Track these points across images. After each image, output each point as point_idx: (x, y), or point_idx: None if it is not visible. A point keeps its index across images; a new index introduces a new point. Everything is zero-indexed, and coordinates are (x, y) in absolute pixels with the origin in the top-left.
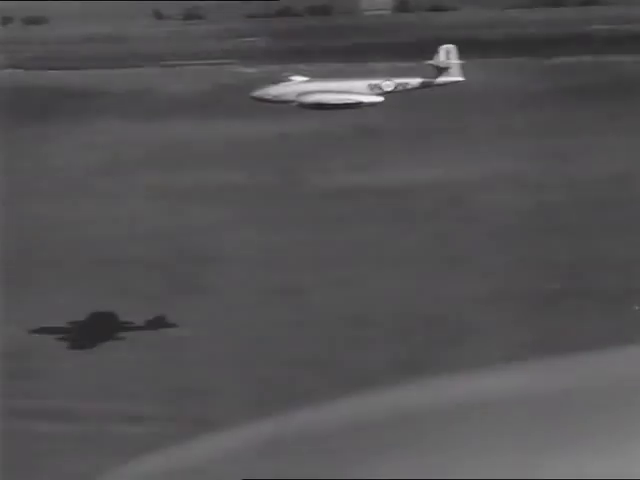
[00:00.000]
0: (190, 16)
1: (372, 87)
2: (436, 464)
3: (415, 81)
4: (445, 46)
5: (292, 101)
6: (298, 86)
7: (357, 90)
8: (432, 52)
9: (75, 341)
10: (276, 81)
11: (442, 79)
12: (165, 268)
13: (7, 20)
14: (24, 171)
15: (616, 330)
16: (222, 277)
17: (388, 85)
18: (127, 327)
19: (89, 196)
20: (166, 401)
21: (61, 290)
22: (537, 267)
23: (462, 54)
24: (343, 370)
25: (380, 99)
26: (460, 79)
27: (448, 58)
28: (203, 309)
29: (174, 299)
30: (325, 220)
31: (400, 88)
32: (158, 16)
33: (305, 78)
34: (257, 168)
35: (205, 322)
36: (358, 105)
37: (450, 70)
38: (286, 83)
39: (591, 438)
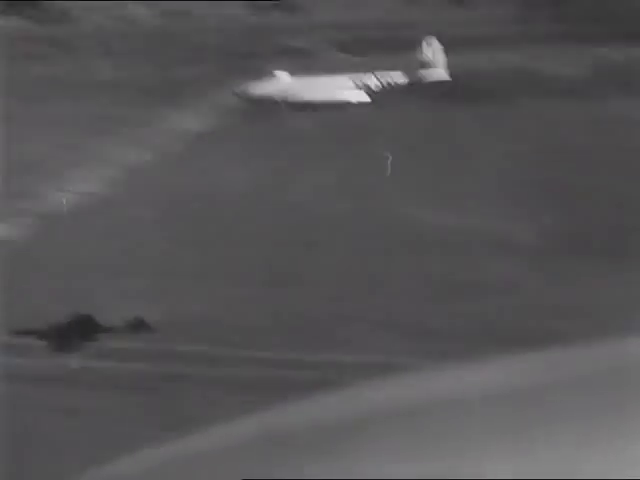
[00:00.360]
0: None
1: (357, 83)
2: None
3: (399, 77)
4: (428, 38)
5: (276, 101)
6: (282, 84)
7: (342, 86)
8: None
9: None
10: (259, 77)
11: (429, 76)
12: None
13: None
14: None
15: None
16: None
17: (377, 85)
18: None
19: None
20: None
21: None
22: None
23: None
24: None
25: (367, 98)
26: (446, 78)
27: (432, 52)
28: None
29: None
30: None
31: (386, 85)
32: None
33: (287, 74)
34: None
35: None
36: (345, 104)
37: (434, 64)
38: (270, 80)
39: (585, 435)
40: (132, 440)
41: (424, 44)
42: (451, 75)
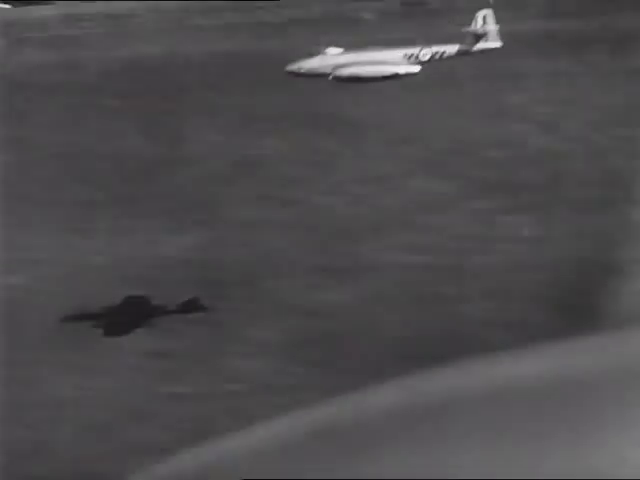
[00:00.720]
0: None
1: (408, 56)
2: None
3: (452, 48)
4: (482, 11)
5: (328, 74)
6: (332, 59)
7: (393, 60)
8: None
9: None
10: (311, 54)
11: (480, 46)
12: None
13: None
14: None
15: None
16: None
17: (425, 54)
18: None
19: None
20: None
21: None
22: None
23: None
24: None
25: (417, 69)
26: (498, 45)
27: (485, 23)
28: None
29: None
30: None
31: (437, 57)
32: None
33: (340, 50)
34: None
35: None
36: (395, 76)
37: (487, 36)
38: (321, 56)
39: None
40: None
41: (478, 15)
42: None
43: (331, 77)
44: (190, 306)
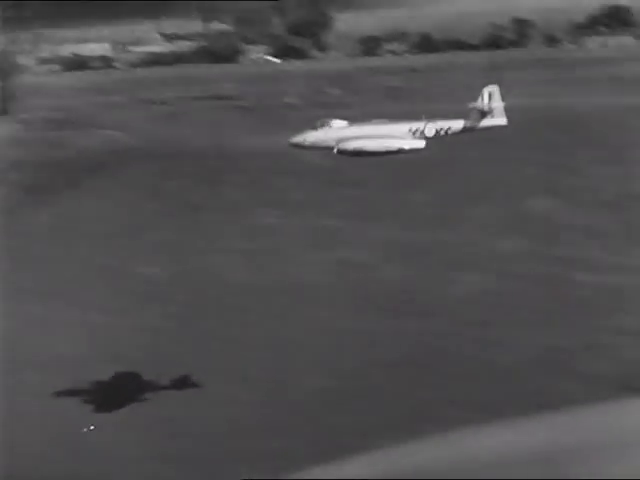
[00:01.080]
0: None
1: (413, 131)
2: None
3: (457, 124)
4: (488, 87)
5: (331, 147)
6: (337, 132)
7: (398, 135)
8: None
9: None
10: (315, 126)
11: (485, 122)
12: None
13: None
14: None
15: None
16: None
17: (430, 129)
18: None
19: None
20: None
21: None
22: None
23: None
24: None
25: (422, 144)
26: (504, 122)
27: (491, 100)
28: None
29: None
30: None
31: (442, 132)
32: None
33: (344, 122)
34: None
35: None
36: (400, 151)
37: (493, 113)
38: (325, 129)
39: None
40: None
41: (484, 91)
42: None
43: (335, 150)
44: (182, 383)
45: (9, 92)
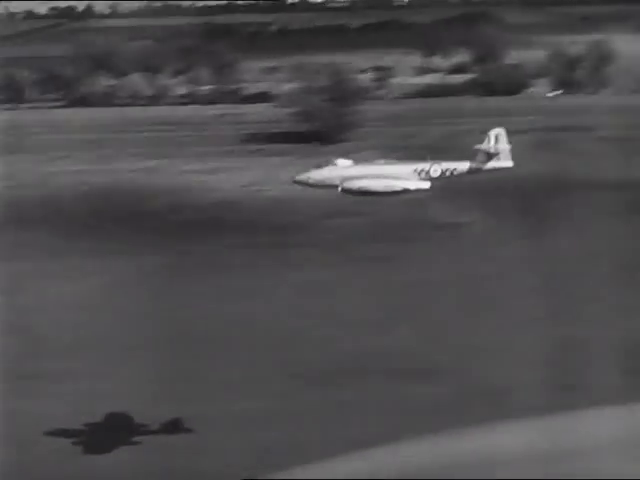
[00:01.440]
0: None
1: (419, 172)
2: None
3: (463, 166)
4: (495, 130)
5: (336, 186)
6: (342, 171)
7: (403, 175)
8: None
9: None
10: (320, 165)
11: (491, 164)
12: None
13: None
14: None
15: None
16: None
17: (435, 170)
18: None
19: None
20: None
21: None
22: None
23: None
24: None
25: (427, 185)
26: (510, 164)
27: (497, 142)
28: None
29: None
30: None
31: (447, 173)
32: None
33: (349, 162)
34: None
35: None
36: (404, 192)
37: (500, 155)
38: (330, 167)
39: None
40: None
41: (490, 134)
42: None
43: (340, 189)
44: (173, 426)
45: None
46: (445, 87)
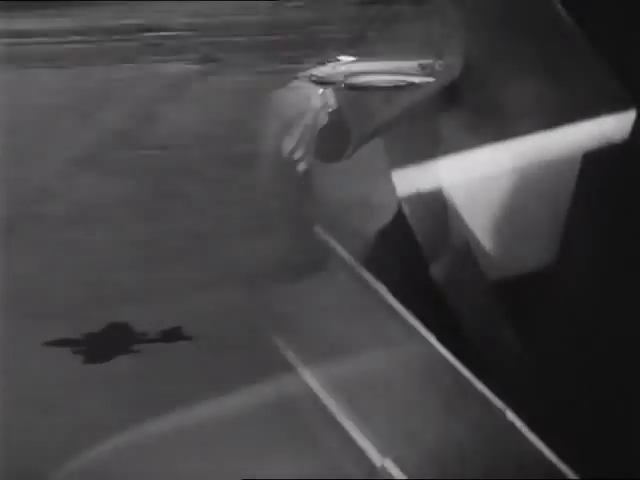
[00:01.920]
0: None
1: (424, 67)
2: None
3: None
4: None
5: (340, 82)
6: (346, 66)
7: (407, 70)
8: None
9: None
10: (322, 62)
11: None
12: None
13: None
14: None
15: None
16: None
17: (441, 65)
18: None
19: None
20: None
21: None
22: None
23: None
24: None
25: (432, 79)
26: None
27: None
28: None
29: None
30: None
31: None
32: None
33: (352, 58)
34: None
35: None
36: (410, 86)
37: None
38: (333, 63)
39: None
40: None
41: None
42: None
43: (343, 85)
44: (173, 334)
45: None
46: None
